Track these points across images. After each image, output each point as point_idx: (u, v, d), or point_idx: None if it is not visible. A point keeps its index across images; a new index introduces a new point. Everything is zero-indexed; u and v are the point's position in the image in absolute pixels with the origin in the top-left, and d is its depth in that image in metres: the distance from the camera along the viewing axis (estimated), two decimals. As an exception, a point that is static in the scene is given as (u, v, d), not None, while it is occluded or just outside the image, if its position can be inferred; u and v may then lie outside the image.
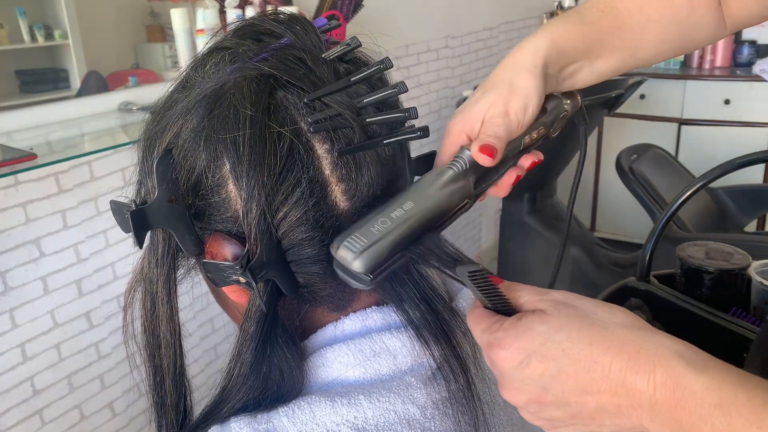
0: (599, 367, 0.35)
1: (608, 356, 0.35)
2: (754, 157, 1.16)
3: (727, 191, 2.37)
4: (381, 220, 0.41)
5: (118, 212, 0.45)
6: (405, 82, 0.43)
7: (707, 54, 3.11)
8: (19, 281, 1.27)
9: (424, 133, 0.44)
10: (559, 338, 0.37)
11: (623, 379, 0.35)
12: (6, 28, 1.38)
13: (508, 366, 0.38)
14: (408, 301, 0.45)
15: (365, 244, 0.40)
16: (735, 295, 1.09)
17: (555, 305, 0.39)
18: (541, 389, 0.37)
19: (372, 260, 0.40)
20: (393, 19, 2.21)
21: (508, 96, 0.49)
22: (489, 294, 0.40)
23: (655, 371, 0.34)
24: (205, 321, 1.69)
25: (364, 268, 0.40)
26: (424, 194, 0.44)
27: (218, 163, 0.41)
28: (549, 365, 0.37)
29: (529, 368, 0.37)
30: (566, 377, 0.36)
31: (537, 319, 0.38)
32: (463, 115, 0.50)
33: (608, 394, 0.35)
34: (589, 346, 0.36)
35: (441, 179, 0.46)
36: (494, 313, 0.41)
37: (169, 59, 1.61)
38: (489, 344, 0.39)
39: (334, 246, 0.41)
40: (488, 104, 0.49)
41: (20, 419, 1.31)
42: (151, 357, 0.48)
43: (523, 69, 0.50)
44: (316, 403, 0.42)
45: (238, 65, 0.43)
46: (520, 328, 0.38)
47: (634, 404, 0.34)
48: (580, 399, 0.36)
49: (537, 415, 0.39)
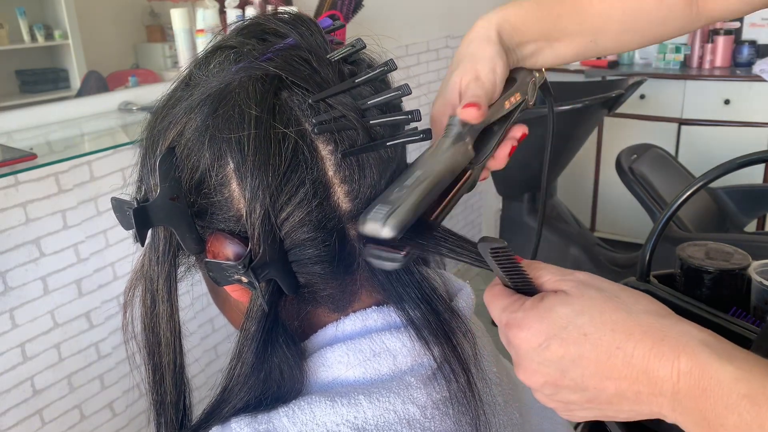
0: (621, 352, 0.35)
1: (631, 342, 0.35)
2: (754, 157, 1.16)
3: (727, 191, 2.37)
4: (396, 189, 0.42)
5: (119, 209, 0.45)
6: (408, 85, 0.43)
7: (707, 54, 3.11)
8: (19, 281, 1.27)
9: (427, 135, 0.44)
10: (581, 322, 0.36)
11: (646, 365, 0.34)
12: (6, 28, 1.38)
13: (527, 347, 0.38)
14: (409, 301, 0.45)
15: (389, 209, 0.40)
16: (735, 295, 1.09)
17: (578, 286, 0.38)
18: (560, 372, 0.37)
19: (398, 222, 0.40)
20: (393, 19, 2.22)
21: (473, 64, 0.50)
22: (510, 272, 0.40)
23: (679, 359, 0.33)
24: (205, 321, 1.69)
25: (393, 231, 0.39)
26: (429, 161, 0.45)
27: (222, 162, 0.41)
28: (569, 349, 0.36)
29: (549, 351, 0.37)
30: (586, 362, 0.36)
31: (559, 301, 0.38)
32: (440, 98, 0.51)
33: (629, 381, 0.35)
34: (612, 331, 0.35)
35: (441, 146, 0.46)
36: (514, 292, 0.40)
37: (169, 59, 1.61)
38: (508, 324, 0.39)
39: (360, 222, 0.41)
40: (458, 77, 0.50)
41: (20, 419, 1.31)
42: (150, 355, 0.48)
43: (478, 40, 0.51)
44: (316, 403, 0.42)
45: (244, 65, 0.43)
46: (541, 309, 0.38)
47: (655, 392, 0.34)
48: (599, 384, 0.36)
49: (552, 397, 0.39)
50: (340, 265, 0.44)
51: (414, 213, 0.41)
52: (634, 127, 3.13)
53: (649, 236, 1.17)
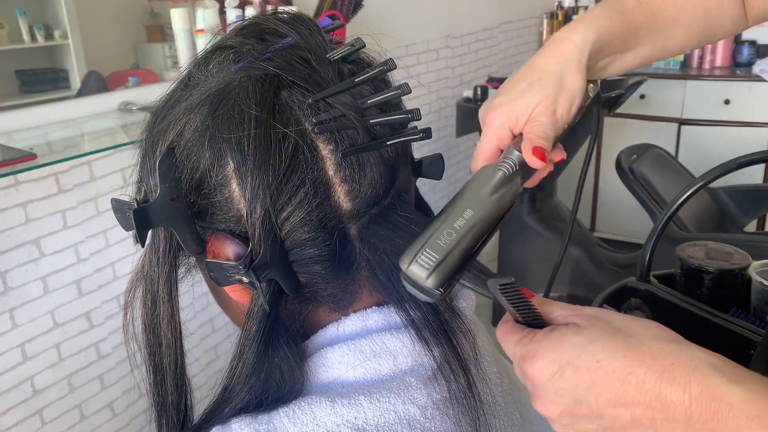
0: (633, 378, 0.35)
1: (642, 368, 0.35)
2: (754, 157, 1.16)
3: (727, 191, 2.37)
4: (446, 231, 0.42)
5: (119, 210, 0.45)
6: (408, 84, 0.43)
7: (707, 54, 3.11)
8: (19, 281, 1.27)
9: (427, 134, 0.44)
10: (593, 349, 0.37)
11: (658, 391, 0.34)
12: (6, 28, 1.38)
13: (542, 377, 0.38)
14: (409, 300, 0.45)
15: (437, 260, 0.40)
16: (735, 295, 1.09)
17: (588, 319, 0.39)
18: (575, 401, 0.37)
19: (444, 275, 0.40)
20: (393, 19, 2.21)
21: (557, 94, 0.49)
22: (520, 307, 0.40)
23: (690, 383, 0.34)
24: (205, 321, 1.69)
25: (437, 283, 0.40)
26: (480, 199, 0.45)
27: (222, 162, 0.41)
28: (583, 376, 0.36)
29: (563, 379, 0.37)
30: (600, 389, 0.36)
31: (570, 331, 0.38)
32: (507, 107, 0.50)
33: (642, 407, 0.35)
34: (623, 357, 0.36)
35: (493, 181, 0.46)
36: (525, 327, 0.41)
37: (169, 59, 1.61)
38: (522, 357, 0.39)
39: (405, 262, 0.41)
40: (537, 100, 0.49)
41: (20, 419, 1.31)
42: (151, 356, 0.48)
43: (571, 64, 0.50)
44: (316, 403, 0.42)
45: (243, 65, 0.43)
46: (553, 339, 0.38)
47: (669, 417, 0.34)
48: (614, 411, 0.36)
49: (570, 427, 0.39)
50: (341, 265, 0.44)
51: (460, 265, 0.41)
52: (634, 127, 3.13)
53: (649, 236, 1.17)
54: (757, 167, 2.81)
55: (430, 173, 0.52)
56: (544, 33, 3.26)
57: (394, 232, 0.43)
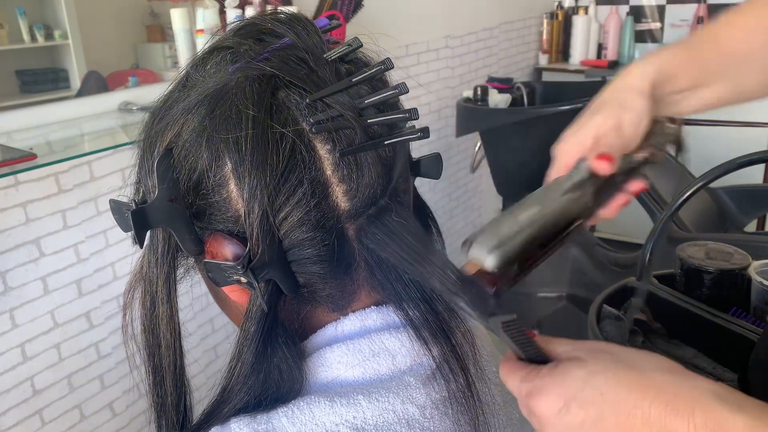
0: (639, 411, 0.35)
1: (647, 401, 0.35)
2: (754, 157, 1.16)
3: (727, 191, 2.37)
4: (509, 221, 0.42)
5: (117, 211, 0.45)
6: (406, 83, 0.43)
7: (707, 54, 3.10)
8: (19, 281, 1.27)
9: (425, 134, 0.44)
10: (597, 382, 0.37)
11: (664, 423, 0.35)
12: (6, 28, 1.38)
13: (548, 413, 0.38)
14: (408, 300, 0.45)
15: (498, 241, 0.40)
16: (735, 295, 1.09)
17: (590, 352, 0.39)
18: None
19: (504, 256, 0.40)
20: (393, 19, 2.21)
21: (620, 112, 0.50)
22: (523, 344, 0.40)
23: (694, 414, 0.34)
24: (205, 321, 1.69)
25: (497, 262, 0.40)
26: (548, 199, 0.46)
27: (220, 163, 0.41)
28: (589, 411, 0.37)
29: (570, 415, 0.37)
30: (607, 424, 0.36)
31: (574, 365, 0.38)
32: (573, 137, 0.51)
33: None
34: (627, 390, 0.36)
35: (563, 185, 0.47)
36: (528, 363, 0.41)
37: (169, 59, 1.62)
38: (528, 394, 0.39)
39: (465, 245, 0.41)
40: (600, 121, 0.49)
41: (20, 419, 1.31)
42: (151, 356, 0.48)
43: (631, 89, 0.51)
44: (315, 403, 0.42)
45: (240, 65, 0.43)
46: (557, 375, 0.38)
47: None
48: None
49: None
50: (339, 265, 0.44)
51: (521, 252, 0.41)
52: (635, 127, 3.12)
53: (649, 236, 1.17)
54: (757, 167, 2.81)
55: (428, 173, 0.52)
56: (544, 33, 3.26)
57: (389, 237, 0.43)
